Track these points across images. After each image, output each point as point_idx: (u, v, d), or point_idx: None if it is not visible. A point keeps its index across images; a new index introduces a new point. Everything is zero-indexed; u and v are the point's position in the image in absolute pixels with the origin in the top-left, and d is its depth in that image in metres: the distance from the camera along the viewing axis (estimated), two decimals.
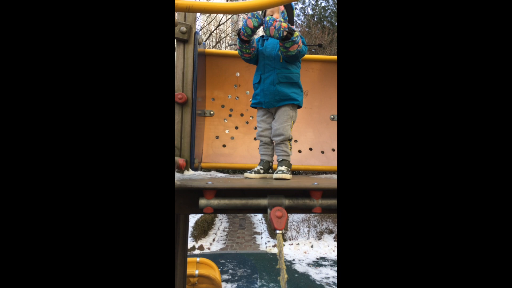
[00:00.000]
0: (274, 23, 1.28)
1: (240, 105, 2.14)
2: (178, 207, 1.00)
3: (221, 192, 1.01)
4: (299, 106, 1.54)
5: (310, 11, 11.39)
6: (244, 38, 1.38)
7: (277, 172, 1.38)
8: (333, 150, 2.11)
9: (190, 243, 6.49)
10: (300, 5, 11.41)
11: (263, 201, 1.00)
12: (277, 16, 1.46)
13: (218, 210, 1.01)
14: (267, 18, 1.32)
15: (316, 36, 8.59)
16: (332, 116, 2.17)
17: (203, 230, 7.05)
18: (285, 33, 1.28)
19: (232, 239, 7.04)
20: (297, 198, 1.01)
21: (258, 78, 1.51)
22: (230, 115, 2.13)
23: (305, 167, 2.04)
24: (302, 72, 2.09)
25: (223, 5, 1.07)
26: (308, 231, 7.04)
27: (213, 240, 6.91)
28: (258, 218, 8.79)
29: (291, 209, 1.02)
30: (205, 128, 2.08)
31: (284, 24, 1.29)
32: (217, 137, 2.09)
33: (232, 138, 2.10)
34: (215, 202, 0.98)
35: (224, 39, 11.24)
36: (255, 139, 2.16)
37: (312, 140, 2.13)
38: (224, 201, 0.99)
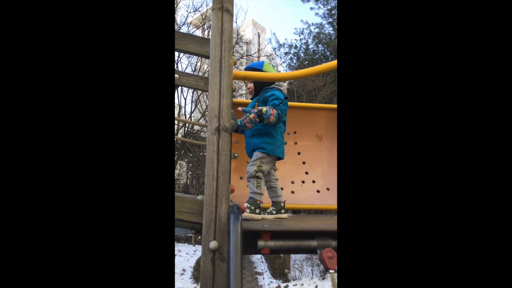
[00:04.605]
0: (246, 121, 1.58)
1: None
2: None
3: (275, 234, 1.13)
4: (269, 154, 1.64)
5: (302, 55, 12.31)
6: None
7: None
8: None
9: (191, 285, 6.20)
10: (293, 50, 12.35)
11: (313, 243, 1.12)
12: (250, 86, 1.78)
13: (273, 251, 1.12)
14: (238, 122, 1.62)
15: (309, 79, 9.19)
16: None
17: None
18: (258, 120, 1.56)
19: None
20: None
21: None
22: None
23: (325, 207, 2.17)
24: (315, 119, 2.31)
25: (272, 74, 1.30)
26: (312, 270, 6.86)
27: None
28: (257, 257, 8.52)
29: (337, 250, 1.14)
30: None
31: (251, 115, 1.57)
32: (241, 178, 2.22)
33: None
34: (271, 243, 1.10)
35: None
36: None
37: (329, 181, 2.29)
38: (279, 243, 1.11)
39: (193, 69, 11.03)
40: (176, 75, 1.79)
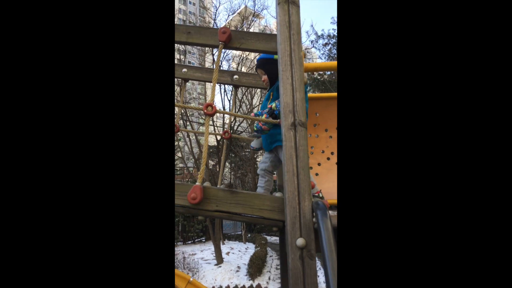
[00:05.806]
0: (260, 124, 1.54)
1: (320, 143, 2.25)
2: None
3: None
4: None
5: (334, 51, 11.85)
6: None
7: None
8: None
9: (247, 282, 6.35)
10: (332, 40, 11.92)
11: None
12: (265, 78, 1.70)
13: None
14: (255, 128, 1.59)
15: None
16: None
17: (258, 268, 6.90)
18: (271, 118, 1.50)
19: (287, 278, 6.76)
20: None
21: None
22: (311, 153, 2.24)
23: None
24: None
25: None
26: None
27: (269, 278, 6.69)
28: None
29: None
30: None
31: (264, 117, 1.53)
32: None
33: (317, 174, 2.18)
34: None
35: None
36: None
37: None
38: None
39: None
40: (235, 76, 1.82)
